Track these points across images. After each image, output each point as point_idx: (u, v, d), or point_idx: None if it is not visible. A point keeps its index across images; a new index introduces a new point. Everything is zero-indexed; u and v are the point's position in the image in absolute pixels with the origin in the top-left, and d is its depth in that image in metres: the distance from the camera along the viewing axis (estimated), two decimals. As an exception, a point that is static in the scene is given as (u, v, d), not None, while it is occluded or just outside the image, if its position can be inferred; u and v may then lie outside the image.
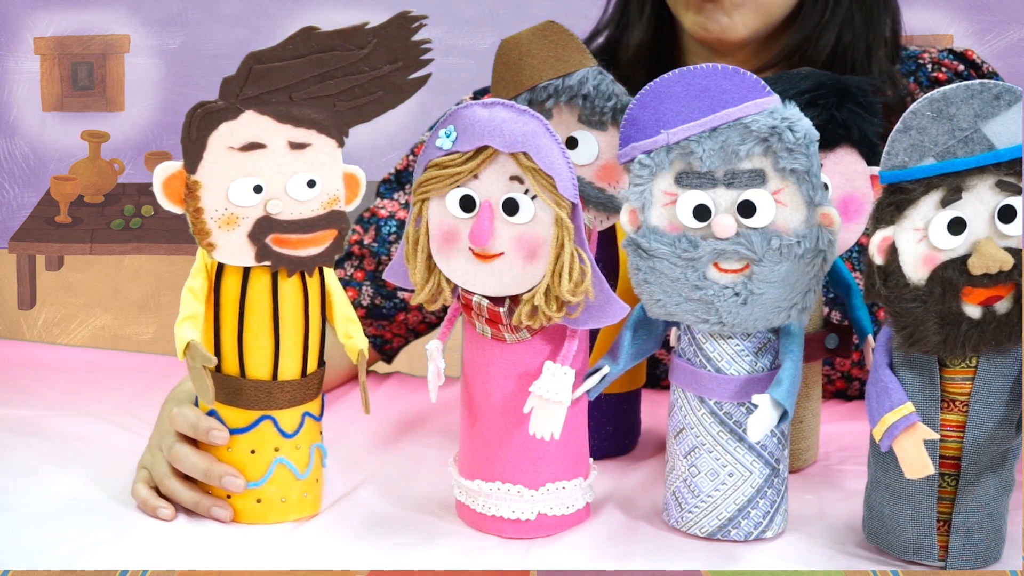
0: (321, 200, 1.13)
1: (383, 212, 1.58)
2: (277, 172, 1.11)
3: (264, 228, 1.12)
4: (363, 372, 1.17)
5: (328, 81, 1.11)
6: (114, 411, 1.44)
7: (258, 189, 1.11)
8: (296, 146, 1.12)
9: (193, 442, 1.17)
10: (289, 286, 1.14)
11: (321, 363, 1.18)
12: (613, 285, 1.29)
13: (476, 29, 2.70)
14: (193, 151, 1.10)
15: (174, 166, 1.11)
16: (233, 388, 1.15)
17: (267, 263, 1.13)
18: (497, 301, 1.10)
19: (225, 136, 1.10)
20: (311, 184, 1.12)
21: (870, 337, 1.26)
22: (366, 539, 1.14)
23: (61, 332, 2.83)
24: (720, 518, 1.13)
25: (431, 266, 1.11)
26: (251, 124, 1.10)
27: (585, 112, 1.21)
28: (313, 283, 1.15)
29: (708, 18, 1.47)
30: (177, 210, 1.12)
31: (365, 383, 1.17)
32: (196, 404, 1.18)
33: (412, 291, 1.13)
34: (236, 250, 1.12)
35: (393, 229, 1.57)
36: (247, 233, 1.12)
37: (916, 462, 1.03)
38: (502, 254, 1.09)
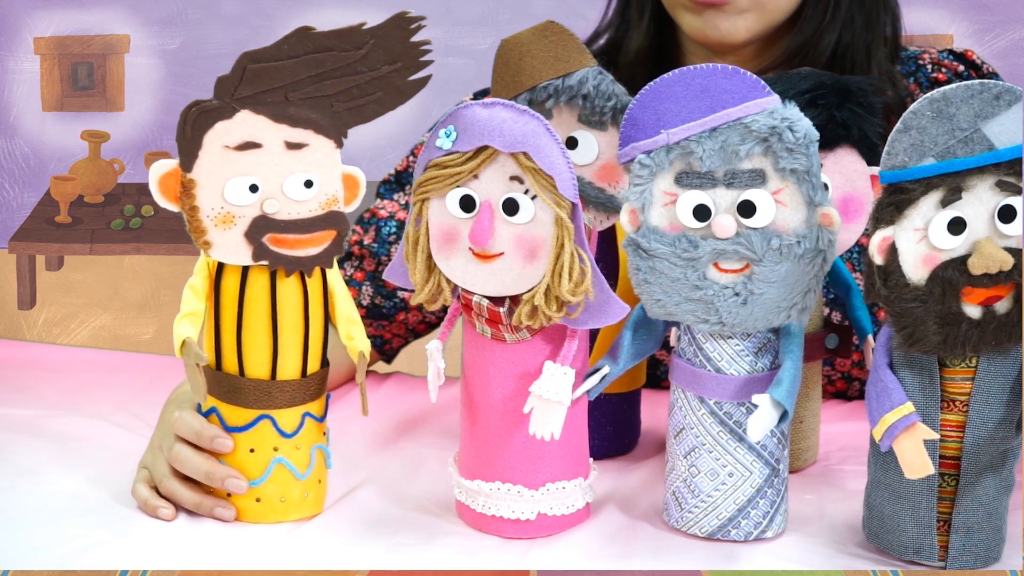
0: (319, 200, 1.13)
1: (383, 213, 1.58)
2: (273, 172, 1.11)
3: (261, 227, 1.12)
4: (362, 374, 1.16)
5: (325, 81, 1.11)
6: (114, 411, 1.44)
7: (254, 188, 1.11)
8: (293, 146, 1.11)
9: (194, 445, 1.17)
10: (288, 286, 1.14)
11: (324, 364, 1.18)
12: (613, 285, 1.29)
13: (476, 29, 2.70)
14: (188, 150, 1.10)
15: (170, 164, 1.11)
16: (232, 387, 1.15)
17: (264, 262, 1.13)
18: (497, 301, 1.10)
19: (220, 135, 1.10)
20: (308, 184, 1.12)
21: (870, 337, 1.26)
22: (366, 539, 1.14)
23: (61, 332, 2.82)
24: (720, 518, 1.13)
25: (431, 266, 1.11)
26: (246, 123, 1.10)
27: (585, 112, 1.21)
28: (314, 283, 1.15)
29: (707, 22, 1.46)
30: (173, 208, 1.12)
31: (364, 385, 1.17)
32: (198, 406, 1.18)
33: (412, 291, 1.13)
34: (232, 249, 1.12)
35: (393, 230, 1.57)
36: (243, 232, 1.12)
37: (916, 462, 1.03)
38: (502, 254, 1.09)
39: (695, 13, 1.47)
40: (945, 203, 1.02)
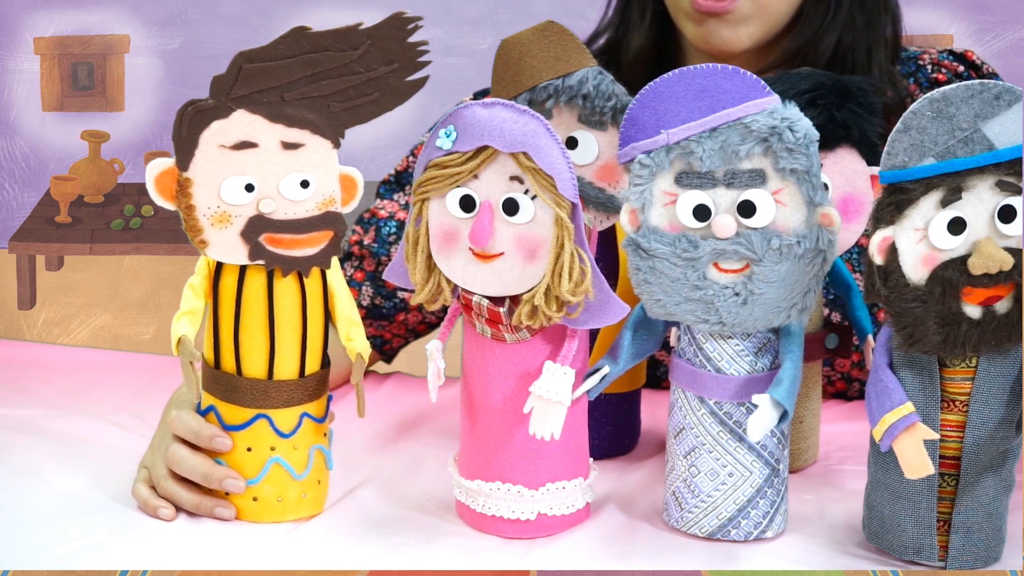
0: (316, 201, 1.13)
1: (383, 213, 1.58)
2: (269, 171, 1.11)
3: (257, 227, 1.12)
4: (358, 375, 1.16)
5: (321, 82, 1.11)
6: (114, 411, 1.44)
7: (250, 188, 1.11)
8: (289, 146, 1.11)
9: (191, 444, 1.17)
10: (286, 286, 1.14)
11: (324, 364, 1.17)
12: (613, 285, 1.29)
13: (476, 29, 2.70)
14: (185, 149, 1.10)
15: (166, 163, 1.11)
16: (230, 385, 1.15)
17: (260, 262, 1.13)
18: (497, 301, 1.10)
19: (216, 134, 1.10)
20: (304, 184, 1.12)
21: (870, 337, 1.26)
22: (366, 539, 1.14)
23: (61, 332, 2.83)
24: (720, 518, 1.13)
25: (431, 266, 1.11)
26: (242, 123, 1.10)
27: (585, 112, 1.21)
28: (313, 284, 1.15)
29: (710, 31, 1.46)
30: (169, 206, 1.13)
31: (361, 387, 1.16)
32: (198, 406, 1.18)
33: (412, 291, 1.13)
34: (229, 248, 1.12)
35: (393, 230, 1.57)
36: (240, 231, 1.12)
37: (916, 462, 1.03)
38: (502, 254, 1.09)
39: (697, 22, 1.47)
40: (945, 203, 1.02)
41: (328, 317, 1.17)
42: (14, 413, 1.43)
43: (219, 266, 1.14)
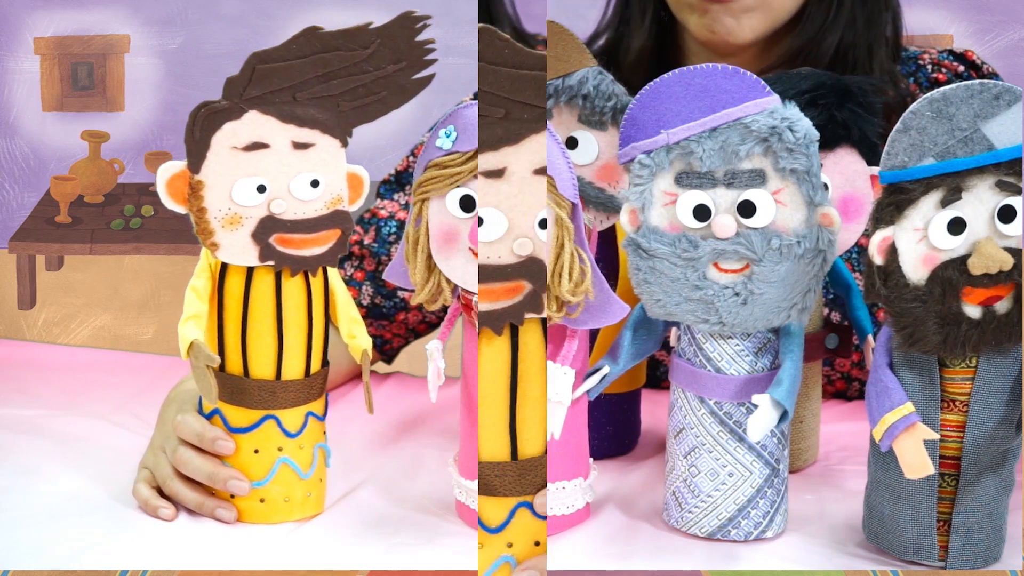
0: (325, 200, 1.13)
1: (383, 213, 1.58)
2: (281, 172, 1.11)
3: (268, 228, 1.12)
4: (367, 372, 1.17)
5: (332, 81, 1.11)
6: (114, 411, 1.44)
7: (261, 189, 1.11)
8: (300, 146, 1.12)
9: (196, 447, 1.17)
10: (293, 286, 1.14)
11: (325, 363, 1.18)
12: (613, 285, 1.29)
13: (476, 29, 2.70)
14: (196, 151, 1.10)
15: (177, 166, 1.11)
16: (237, 388, 1.15)
17: (271, 263, 1.13)
18: (497, 301, 1.10)
19: (229, 136, 1.10)
20: (315, 184, 1.12)
21: (870, 337, 1.26)
22: (366, 539, 1.14)
23: (61, 332, 2.83)
24: (720, 518, 1.13)
25: (431, 266, 1.11)
26: (255, 124, 1.10)
27: (585, 112, 1.21)
28: (317, 283, 1.15)
29: (714, 20, 1.46)
30: (180, 210, 1.12)
31: (369, 383, 1.17)
32: (199, 407, 1.18)
33: (412, 291, 1.13)
34: (240, 250, 1.12)
35: (393, 229, 1.57)
36: (251, 233, 1.12)
37: (916, 462, 1.03)
38: (502, 254, 1.09)
39: (701, 12, 1.47)
40: (945, 203, 1.02)
41: (328, 315, 1.17)
42: (14, 413, 1.43)
43: (223, 267, 1.14)
